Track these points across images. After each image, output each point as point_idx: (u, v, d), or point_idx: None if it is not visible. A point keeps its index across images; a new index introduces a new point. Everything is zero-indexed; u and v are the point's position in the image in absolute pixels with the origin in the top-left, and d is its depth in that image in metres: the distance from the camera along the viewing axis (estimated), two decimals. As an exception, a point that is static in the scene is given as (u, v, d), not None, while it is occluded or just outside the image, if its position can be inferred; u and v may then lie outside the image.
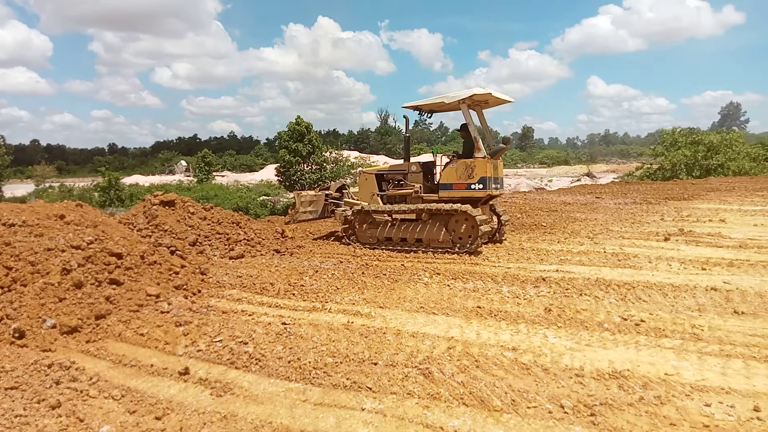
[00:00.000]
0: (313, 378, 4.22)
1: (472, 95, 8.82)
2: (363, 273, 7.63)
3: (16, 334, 4.94)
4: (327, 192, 11.36)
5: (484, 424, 3.47)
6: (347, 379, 4.17)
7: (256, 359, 4.59)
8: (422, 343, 4.89)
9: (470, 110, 9.19)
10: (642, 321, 5.22)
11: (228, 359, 4.63)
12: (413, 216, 9.31)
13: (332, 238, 10.84)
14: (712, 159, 26.78)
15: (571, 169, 67.12)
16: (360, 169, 10.88)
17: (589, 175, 50.54)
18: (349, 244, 9.73)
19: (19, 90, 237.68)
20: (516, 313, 5.64)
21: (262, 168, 69.94)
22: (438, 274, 7.39)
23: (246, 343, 4.95)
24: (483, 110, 9.84)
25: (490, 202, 9.87)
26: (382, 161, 56.54)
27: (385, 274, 7.48)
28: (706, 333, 4.86)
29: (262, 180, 49.17)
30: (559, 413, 3.54)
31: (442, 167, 9.45)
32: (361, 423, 3.55)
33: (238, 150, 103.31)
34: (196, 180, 50.28)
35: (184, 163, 79.79)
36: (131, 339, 5.20)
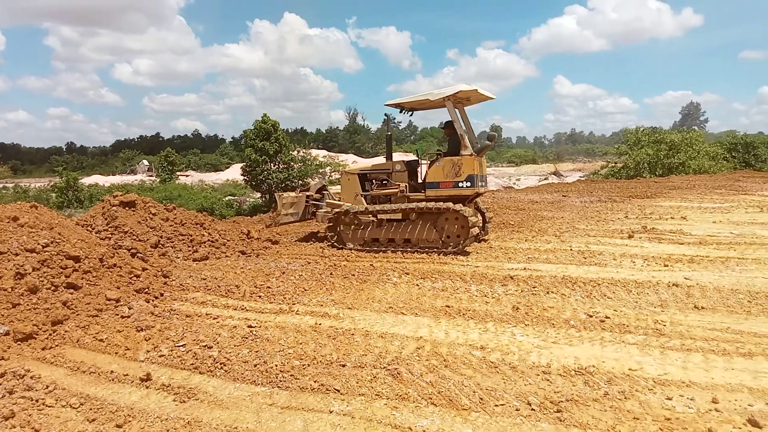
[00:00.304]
0: (280, 381, 4.14)
1: (457, 92, 8.76)
2: (331, 274, 7.56)
3: (-34, 343, 4.70)
4: (308, 193, 11.10)
5: (452, 423, 3.46)
6: (315, 381, 4.11)
7: (221, 363, 4.48)
8: (391, 343, 4.86)
9: (439, 107, 9.17)
10: (607, 317, 5.31)
11: (192, 364, 4.51)
12: (399, 216, 9.18)
13: (312, 240, 10.71)
14: (674, 158, 27.58)
15: (539, 167, 68.20)
16: (341, 169, 10.71)
17: (556, 173, 51.43)
18: (340, 247, 9.45)
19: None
20: (484, 312, 5.66)
21: (227, 167, 68.80)
22: (407, 273, 7.37)
23: (210, 348, 4.83)
24: (465, 107, 9.78)
25: (476, 200, 9.87)
26: (350, 160, 56.35)
27: (353, 275, 7.43)
28: (668, 328, 4.98)
29: (228, 180, 48.39)
30: (526, 410, 3.56)
31: (428, 166, 9.35)
32: (329, 426, 3.50)
33: (203, 149, 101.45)
34: (158, 180, 49.09)
35: (146, 162, 77.88)
36: (90, 345, 5.01)
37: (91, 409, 3.79)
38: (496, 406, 3.64)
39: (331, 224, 9.58)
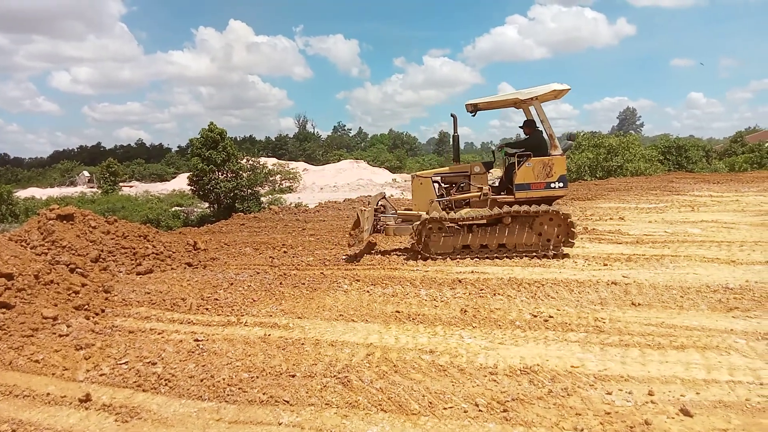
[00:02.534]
0: (228, 395, 4.06)
1: (551, 91, 8.59)
2: (281, 283, 7.47)
3: None
4: (375, 207, 9.92)
5: (402, 428, 3.49)
6: (264, 393, 4.05)
7: (165, 380, 4.36)
8: (341, 351, 4.85)
9: (518, 108, 8.97)
10: (550, 317, 5.48)
11: (134, 382, 4.37)
12: (484, 221, 8.69)
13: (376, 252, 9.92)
14: (612, 161, 28.80)
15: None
16: (413, 173, 9.85)
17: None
18: (426, 257, 8.70)
19: None
20: (433, 316, 5.73)
21: (174, 177, 66.95)
22: (358, 280, 7.37)
23: (155, 364, 4.69)
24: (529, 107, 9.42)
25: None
26: (301, 167, 55.95)
27: (303, 284, 7.37)
28: (607, 325, 5.18)
29: (175, 190, 47.06)
30: (473, 412, 3.63)
31: (507, 167, 9.11)
32: (278, 438, 3.46)
33: (148, 158, 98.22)
34: (100, 191, 47.27)
35: (86, 173, 74.68)
36: (24, 367, 4.77)
37: (24, 435, 3.61)
38: (445, 408, 3.69)
39: (418, 234, 8.75)
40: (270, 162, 41.56)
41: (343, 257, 9.22)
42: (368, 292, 6.86)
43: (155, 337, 5.44)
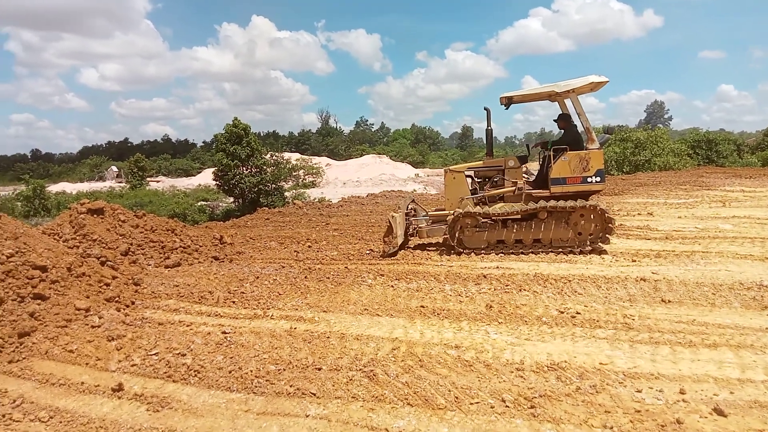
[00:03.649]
0: (256, 387, 4.12)
1: (589, 83, 8.45)
2: (306, 277, 7.53)
3: (-73, 358, 4.55)
4: (406, 211, 9.73)
5: (428, 423, 3.49)
6: (290, 386, 4.09)
7: (194, 371, 4.43)
8: (366, 345, 4.88)
9: (553, 101, 8.90)
10: (578, 313, 5.42)
11: (165, 372, 4.45)
12: (519, 216, 8.55)
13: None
14: (640, 155, 28.25)
15: (509, 167, 68.86)
16: (446, 167, 9.63)
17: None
18: (460, 252, 8.62)
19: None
20: (458, 311, 5.72)
21: (199, 172, 67.83)
22: (382, 275, 7.39)
23: (184, 355, 4.78)
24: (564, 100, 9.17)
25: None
26: (324, 163, 56.16)
27: (328, 278, 7.42)
28: (636, 322, 5.10)
29: (200, 185, 47.68)
30: (500, 407, 3.61)
31: (543, 161, 8.96)
32: (306, 429, 3.50)
33: (174, 154, 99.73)
34: (128, 186, 48.20)
35: (115, 168, 76.25)
36: (59, 356, 4.91)
37: (61, 422, 3.72)
38: (471, 404, 3.68)
39: (452, 228, 8.70)
40: (293, 157, 41.86)
41: (367, 251, 9.25)
42: (392, 287, 6.87)
43: (184, 329, 5.54)
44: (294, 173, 34.37)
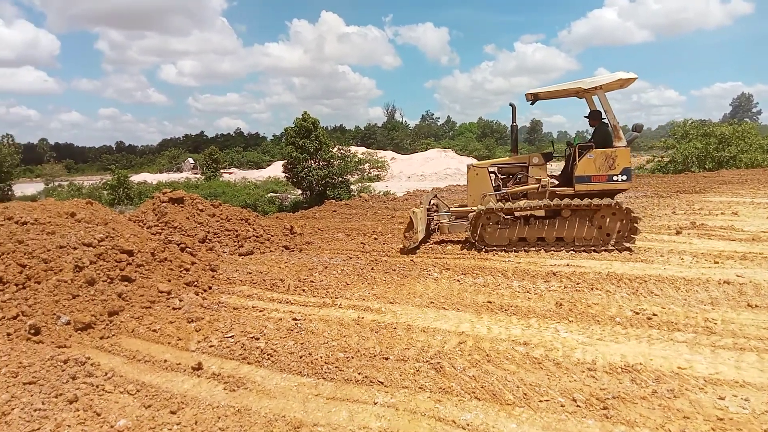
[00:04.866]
0: (325, 373, 4.24)
1: (617, 80, 8.28)
2: (372, 269, 7.64)
3: (32, 331, 4.99)
4: (428, 207, 9.82)
5: (496, 417, 3.47)
6: (359, 373, 4.18)
7: (267, 354, 4.62)
8: (433, 338, 4.90)
9: (581, 97, 8.78)
10: (654, 315, 5.19)
11: (240, 354, 4.67)
12: (542, 213, 8.48)
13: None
14: (724, 151, 26.47)
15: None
16: (469, 163, 9.77)
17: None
18: (480, 249, 8.55)
19: (28, 89, 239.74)
20: (527, 308, 5.63)
21: (269, 165, 70.05)
22: (448, 269, 7.38)
23: (257, 339, 4.98)
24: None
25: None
26: (389, 156, 56.44)
27: (394, 270, 7.49)
28: (719, 326, 4.83)
29: (270, 177, 49.23)
30: (571, 407, 3.54)
31: (568, 158, 8.84)
32: (374, 417, 3.56)
33: (245, 146, 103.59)
34: (203, 177, 50.48)
35: (191, 160, 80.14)
36: (144, 335, 5.25)
37: (146, 396, 3.98)
38: (541, 401, 3.63)
39: (473, 224, 8.64)
40: (359, 151, 42.33)
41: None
42: (458, 281, 6.85)
43: (257, 314, 5.77)
44: (360, 167, 34.79)
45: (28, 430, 3.41)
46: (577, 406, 3.54)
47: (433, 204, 10.04)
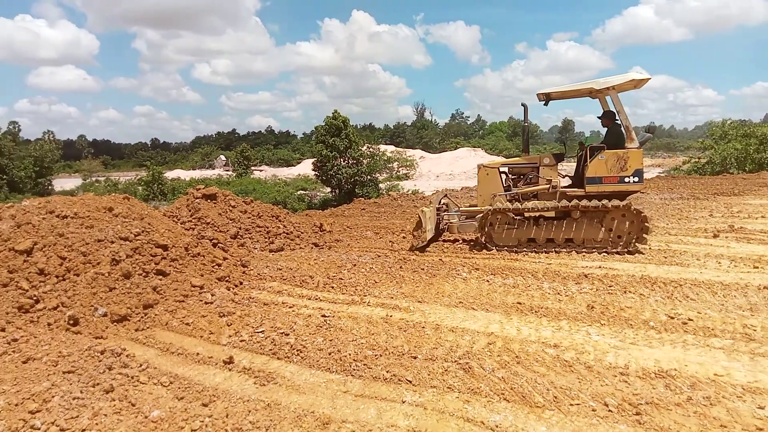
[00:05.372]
0: (354, 370, 4.26)
1: (629, 80, 8.20)
2: (401, 267, 7.64)
3: (71, 321, 5.16)
4: (438, 206, 9.78)
5: (525, 420, 3.44)
6: (387, 371, 4.20)
7: (297, 350, 4.67)
8: (462, 338, 4.88)
9: (594, 98, 8.71)
10: (690, 320, 5.06)
11: (270, 350, 4.73)
12: (552, 214, 8.42)
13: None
14: (765, 152, 25.58)
15: (613, 163, 65.29)
16: (479, 163, 9.87)
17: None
18: (492, 248, 8.57)
19: (68, 87, 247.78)
20: (557, 310, 5.55)
21: (298, 162, 70.75)
22: (477, 269, 7.33)
23: (287, 335, 5.04)
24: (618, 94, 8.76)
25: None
26: (418, 155, 56.34)
27: (422, 269, 7.48)
28: (758, 333, 4.68)
29: (299, 174, 49.74)
30: (603, 411, 3.48)
31: (580, 159, 8.75)
32: (402, 415, 3.57)
33: (275, 144, 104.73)
34: (235, 174, 51.27)
35: (223, 157, 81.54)
36: (177, 328, 5.37)
37: (179, 388, 4.06)
38: (571, 405, 3.58)
39: (482, 224, 8.66)
40: (388, 149, 42.38)
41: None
42: (488, 281, 6.80)
43: (287, 310, 5.84)
44: (388, 165, 34.84)
45: (67, 417, 3.53)
46: (609, 410, 3.48)
47: (444, 203, 10.09)
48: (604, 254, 7.93)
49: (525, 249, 8.43)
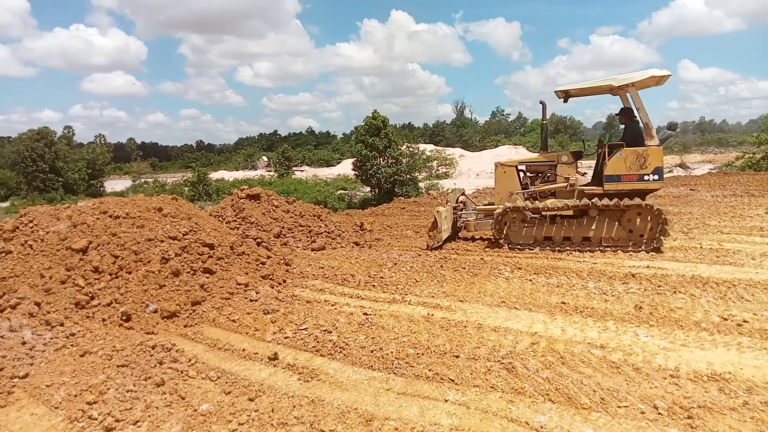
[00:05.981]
0: (396, 368, 4.28)
1: (649, 77, 8.04)
2: (441, 266, 7.62)
3: (124, 317, 5.37)
4: (454, 205, 9.85)
5: (571, 421, 3.38)
6: (429, 370, 4.20)
7: (340, 347, 4.72)
8: (504, 337, 4.83)
9: (614, 95, 8.60)
10: (745, 321, 4.86)
11: (313, 347, 4.80)
12: (570, 212, 8.36)
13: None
14: (825, 147, 24.30)
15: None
16: (497, 161, 9.71)
17: (682, 165, 47.15)
18: (510, 246, 8.60)
19: (118, 92, 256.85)
20: (603, 310, 5.43)
21: (338, 162, 71.34)
22: (519, 268, 7.24)
23: (330, 332, 5.11)
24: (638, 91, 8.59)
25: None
26: (458, 154, 55.97)
27: (464, 268, 7.44)
28: (820, 336, 4.46)
29: (339, 174, 50.18)
30: (652, 414, 3.38)
31: (599, 156, 8.60)
32: (445, 414, 3.57)
33: (316, 145, 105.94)
34: (276, 175, 52.15)
35: (265, 158, 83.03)
36: (224, 325, 5.51)
37: (226, 383, 4.17)
38: (619, 407, 3.49)
39: (498, 222, 8.64)
40: (428, 148, 42.25)
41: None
42: (531, 281, 6.70)
43: (329, 308, 5.92)
44: (428, 164, 34.75)
45: (122, 409, 3.68)
46: (659, 413, 3.38)
47: (461, 202, 10.09)
48: (630, 253, 7.85)
49: (541, 247, 8.43)
